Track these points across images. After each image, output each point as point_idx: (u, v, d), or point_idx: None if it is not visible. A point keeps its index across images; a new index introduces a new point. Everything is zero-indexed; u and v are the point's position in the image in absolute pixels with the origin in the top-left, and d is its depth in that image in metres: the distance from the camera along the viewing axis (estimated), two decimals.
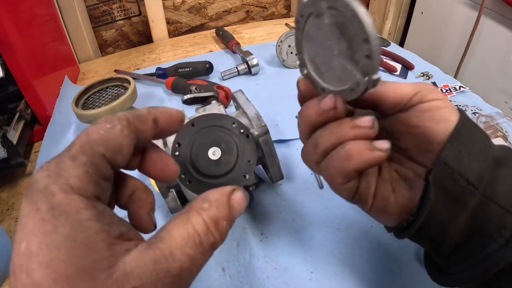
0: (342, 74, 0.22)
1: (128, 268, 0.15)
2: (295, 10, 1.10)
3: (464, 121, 0.23)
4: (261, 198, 0.45)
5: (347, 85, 0.22)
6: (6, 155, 0.46)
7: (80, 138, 0.18)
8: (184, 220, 0.18)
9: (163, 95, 0.68)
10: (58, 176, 0.16)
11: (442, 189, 0.23)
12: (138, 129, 0.20)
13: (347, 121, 0.24)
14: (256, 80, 0.72)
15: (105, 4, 0.90)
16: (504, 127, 0.56)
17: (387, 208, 0.26)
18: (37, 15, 0.62)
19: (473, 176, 0.22)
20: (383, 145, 0.23)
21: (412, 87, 0.24)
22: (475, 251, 0.23)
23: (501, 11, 0.86)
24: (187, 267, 0.16)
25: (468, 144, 0.23)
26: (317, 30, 0.22)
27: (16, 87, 0.53)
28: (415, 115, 0.24)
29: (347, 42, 0.21)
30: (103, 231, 0.16)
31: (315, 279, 0.36)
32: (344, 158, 0.23)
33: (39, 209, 0.15)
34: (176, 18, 1.00)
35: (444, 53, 1.07)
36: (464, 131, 0.23)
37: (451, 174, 0.22)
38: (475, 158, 0.23)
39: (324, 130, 0.24)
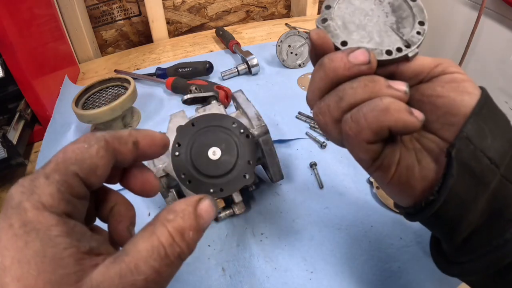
0: (379, 38, 0.24)
1: (94, 283, 0.16)
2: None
3: (486, 97, 0.22)
4: (261, 198, 0.45)
5: (383, 47, 0.23)
6: (6, 155, 0.46)
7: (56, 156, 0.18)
8: (149, 232, 0.17)
9: (163, 95, 0.69)
10: (31, 193, 0.17)
11: (464, 166, 0.21)
12: (117, 151, 0.20)
13: (381, 78, 0.22)
14: (256, 80, 0.72)
15: (105, 4, 0.90)
16: None
17: (410, 180, 0.24)
18: (37, 15, 0.62)
19: (496, 154, 0.21)
20: (419, 114, 0.21)
21: (432, 59, 0.24)
22: (492, 237, 0.22)
23: (501, 11, 0.86)
24: (153, 279, 0.16)
25: (491, 121, 0.22)
26: (365, 0, 0.25)
27: (16, 87, 0.53)
28: (439, 85, 0.23)
29: (396, 18, 0.24)
30: (72, 246, 0.16)
31: (315, 279, 0.36)
32: (382, 110, 0.21)
33: (12, 225, 0.16)
34: (176, 18, 1.00)
35: (444, 53, 1.07)
36: (486, 107, 0.22)
37: (474, 151, 0.21)
38: (499, 136, 0.22)
39: (354, 83, 0.22)
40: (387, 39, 0.24)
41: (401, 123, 0.21)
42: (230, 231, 0.41)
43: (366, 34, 0.24)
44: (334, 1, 0.25)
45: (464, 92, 0.22)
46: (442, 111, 0.23)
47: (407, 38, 0.23)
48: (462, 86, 0.23)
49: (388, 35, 0.24)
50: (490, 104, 0.22)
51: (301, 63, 0.76)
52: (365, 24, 0.24)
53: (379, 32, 0.24)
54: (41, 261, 0.15)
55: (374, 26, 0.24)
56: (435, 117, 0.23)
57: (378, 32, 0.24)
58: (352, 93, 0.22)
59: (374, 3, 0.25)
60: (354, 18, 0.25)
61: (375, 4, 0.25)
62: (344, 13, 0.25)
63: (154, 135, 0.22)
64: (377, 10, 0.25)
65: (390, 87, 0.22)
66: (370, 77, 0.22)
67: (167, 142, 0.23)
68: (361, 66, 0.22)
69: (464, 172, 0.21)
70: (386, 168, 0.24)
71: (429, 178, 0.23)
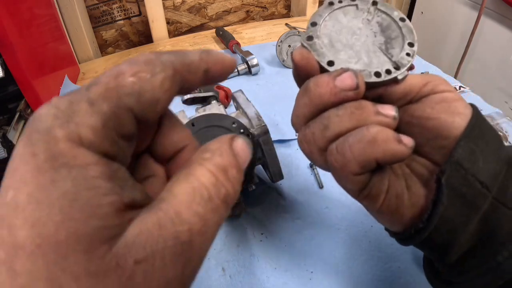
0: (367, 58, 0.23)
1: (129, 237, 0.12)
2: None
3: (477, 117, 0.22)
4: (261, 198, 0.45)
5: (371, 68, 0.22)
6: (6, 155, 0.46)
7: (106, 79, 0.14)
8: (185, 175, 0.14)
9: None
10: (68, 120, 0.13)
11: (455, 191, 0.20)
12: (184, 81, 0.16)
13: (368, 104, 0.21)
14: (256, 80, 0.72)
15: (105, 4, 0.90)
16: (504, 127, 0.56)
17: (400, 208, 0.23)
18: (37, 15, 0.62)
19: (487, 177, 0.20)
20: (408, 141, 0.20)
21: (421, 77, 0.23)
22: (485, 259, 0.21)
23: (501, 11, 0.86)
24: (198, 229, 0.13)
25: (482, 143, 0.21)
26: (352, 18, 0.24)
27: (16, 87, 0.53)
28: (429, 106, 0.22)
29: (385, 38, 0.23)
30: (114, 193, 0.12)
31: (315, 279, 0.36)
32: (368, 142, 0.20)
33: (35, 155, 0.12)
34: (176, 18, 1.00)
35: (444, 53, 1.07)
36: (477, 128, 0.21)
37: (465, 176, 0.20)
38: (490, 158, 0.21)
39: (340, 110, 0.21)
40: (376, 60, 0.23)
41: (389, 154, 0.20)
42: (230, 231, 0.41)
43: (354, 54, 0.23)
44: (321, 18, 0.24)
45: (455, 113, 0.21)
46: (432, 134, 0.22)
47: (396, 60, 0.22)
48: (453, 106, 0.22)
49: (377, 55, 0.23)
50: (482, 123, 0.22)
51: None
52: (352, 43, 0.23)
53: (368, 52, 0.23)
54: (70, 205, 0.11)
55: (362, 46, 0.23)
56: (425, 140, 0.23)
57: (367, 52, 0.23)
58: (338, 121, 0.21)
59: (362, 22, 0.24)
60: (341, 37, 0.23)
61: (363, 23, 0.24)
62: (330, 31, 0.24)
63: (224, 60, 0.18)
64: (365, 29, 0.24)
65: (378, 113, 0.21)
66: (357, 104, 0.21)
67: (235, 65, 0.19)
68: (348, 92, 0.20)
69: (455, 197, 0.20)
70: (374, 197, 0.22)
71: (419, 205, 0.23)
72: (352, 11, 0.24)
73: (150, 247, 0.12)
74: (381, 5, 0.24)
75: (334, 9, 0.24)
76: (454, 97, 0.22)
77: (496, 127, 0.56)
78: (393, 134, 0.20)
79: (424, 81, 0.23)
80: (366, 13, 0.24)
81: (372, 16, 0.24)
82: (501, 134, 0.55)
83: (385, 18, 0.24)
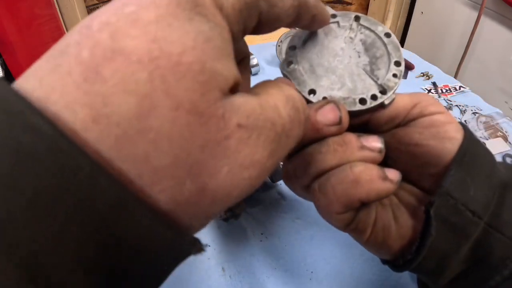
0: (351, 83, 0.21)
1: (236, 102, 0.12)
2: None
3: (468, 140, 0.20)
4: (261, 198, 0.45)
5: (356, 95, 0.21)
6: None
7: None
8: (275, 85, 0.15)
9: None
10: None
11: (444, 221, 0.20)
12: (300, 14, 0.17)
13: (352, 139, 0.20)
14: (256, 80, 0.71)
15: (105, 4, 0.90)
16: (504, 127, 0.56)
17: (387, 240, 0.22)
18: (37, 15, 0.62)
19: (479, 206, 0.19)
20: (394, 176, 0.19)
21: (409, 98, 0.21)
22: (477, 283, 0.21)
23: (501, 11, 0.86)
24: (287, 130, 0.13)
25: (474, 169, 0.20)
26: (334, 38, 0.22)
27: None
28: (417, 131, 0.21)
29: (370, 58, 0.22)
30: (234, 63, 0.13)
31: (315, 279, 0.36)
32: (351, 182, 0.19)
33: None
34: None
35: (444, 53, 1.07)
36: (469, 153, 0.20)
37: (455, 205, 0.19)
38: (481, 185, 0.20)
39: (322, 147, 0.20)
40: (361, 84, 0.21)
41: (374, 193, 0.19)
42: (230, 231, 0.41)
43: (336, 79, 0.21)
44: (300, 39, 0.22)
45: (445, 138, 0.20)
46: (420, 162, 0.21)
47: (382, 83, 0.21)
48: (442, 130, 0.20)
49: (362, 78, 0.21)
50: (474, 147, 0.20)
51: None
52: (335, 67, 0.21)
53: (351, 76, 0.21)
54: (203, 41, 0.11)
55: (345, 69, 0.21)
56: (414, 167, 0.22)
57: (350, 76, 0.21)
58: (321, 159, 0.20)
59: (345, 40, 0.22)
60: (323, 60, 0.22)
61: (345, 42, 0.22)
62: (311, 54, 0.22)
63: (327, 14, 0.19)
64: (348, 49, 0.22)
65: (363, 147, 0.20)
66: (340, 139, 0.20)
67: (328, 21, 0.20)
68: (330, 128, 0.19)
69: (444, 227, 0.20)
70: (360, 231, 0.22)
71: (407, 236, 0.22)
72: (333, 29, 0.22)
73: (252, 120, 0.12)
74: (364, 20, 0.22)
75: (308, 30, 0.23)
76: (444, 119, 0.21)
77: (496, 127, 0.56)
78: (377, 172, 0.19)
79: (413, 103, 0.21)
80: (349, 31, 0.22)
81: (355, 33, 0.22)
82: (501, 134, 0.55)
83: (369, 34, 0.22)
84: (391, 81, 0.21)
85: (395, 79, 0.21)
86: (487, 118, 0.59)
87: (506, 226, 0.20)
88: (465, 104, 0.63)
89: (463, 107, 0.62)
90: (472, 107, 0.62)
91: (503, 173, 0.21)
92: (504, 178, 0.21)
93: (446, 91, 0.67)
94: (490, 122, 0.58)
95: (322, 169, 0.20)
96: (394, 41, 0.22)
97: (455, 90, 0.68)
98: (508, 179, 0.21)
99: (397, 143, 0.21)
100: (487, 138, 0.54)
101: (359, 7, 1.25)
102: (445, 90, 0.68)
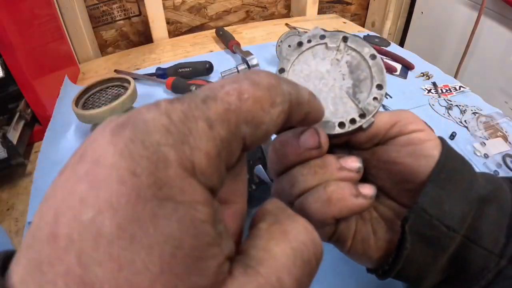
0: (333, 106, 0.22)
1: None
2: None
3: (446, 156, 0.21)
4: (261, 198, 0.45)
5: (336, 118, 0.22)
6: (6, 155, 0.46)
7: (227, 95, 0.12)
8: (281, 232, 0.13)
9: (163, 95, 0.68)
10: (183, 140, 0.10)
11: (420, 236, 0.21)
12: (290, 117, 0.14)
13: (332, 161, 0.21)
14: None
15: (105, 4, 0.90)
16: (504, 127, 0.56)
17: (367, 251, 0.23)
18: (37, 15, 0.62)
19: (454, 221, 0.20)
20: (368, 191, 0.20)
21: (389, 117, 0.22)
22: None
23: (501, 11, 0.86)
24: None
25: (450, 185, 0.20)
26: (321, 60, 0.23)
27: (16, 87, 0.53)
28: (394, 150, 0.21)
29: (353, 81, 0.22)
30: (217, 244, 0.10)
31: (315, 279, 0.36)
32: (324, 201, 0.20)
33: (136, 175, 0.09)
34: (176, 18, 1.00)
35: (444, 53, 1.07)
36: (446, 170, 0.21)
37: (430, 221, 0.20)
38: (458, 200, 0.20)
39: (304, 169, 0.21)
40: (342, 107, 0.22)
41: (346, 211, 0.20)
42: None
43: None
44: (289, 63, 0.23)
45: (421, 156, 0.21)
46: (398, 179, 0.22)
47: (362, 106, 0.22)
48: (419, 149, 0.21)
49: (344, 102, 0.22)
50: (451, 163, 0.21)
51: None
52: (320, 89, 0.22)
53: (334, 99, 0.22)
54: (172, 255, 0.09)
55: (329, 92, 0.22)
56: (392, 184, 0.23)
57: (333, 99, 0.22)
58: (302, 180, 0.21)
59: (331, 62, 0.23)
60: (309, 83, 0.23)
61: (332, 64, 0.23)
62: (299, 77, 0.23)
63: (321, 110, 0.17)
64: (334, 71, 0.23)
65: (341, 169, 0.21)
66: (321, 162, 0.21)
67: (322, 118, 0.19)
68: (311, 151, 0.20)
69: (420, 241, 0.21)
70: (341, 242, 0.23)
71: (385, 248, 0.23)
72: (321, 51, 0.23)
73: None
74: (351, 41, 0.23)
75: (302, 50, 0.23)
76: (423, 137, 0.21)
77: (496, 127, 0.56)
78: (350, 191, 0.20)
79: (392, 122, 0.22)
80: (336, 52, 0.23)
81: (342, 55, 0.23)
82: (501, 134, 0.55)
83: (355, 56, 0.23)
84: (371, 104, 0.21)
85: (375, 103, 0.21)
86: (487, 118, 0.59)
87: (484, 238, 0.20)
88: (465, 104, 0.63)
89: (463, 107, 0.62)
90: (472, 107, 0.62)
91: (483, 186, 0.21)
92: (483, 192, 0.21)
93: (446, 91, 0.67)
94: (490, 122, 0.58)
95: (303, 189, 0.21)
96: (379, 63, 0.22)
97: (455, 90, 0.68)
98: (487, 191, 0.21)
99: (376, 160, 0.22)
100: (487, 138, 0.54)
101: (359, 7, 1.25)
102: (445, 90, 0.68)
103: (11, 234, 0.42)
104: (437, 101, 0.65)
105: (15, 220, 0.44)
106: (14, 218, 0.44)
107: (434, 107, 0.63)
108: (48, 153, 0.52)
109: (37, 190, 0.46)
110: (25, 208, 0.45)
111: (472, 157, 0.52)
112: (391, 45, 0.87)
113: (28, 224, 0.42)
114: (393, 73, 0.74)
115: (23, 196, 0.48)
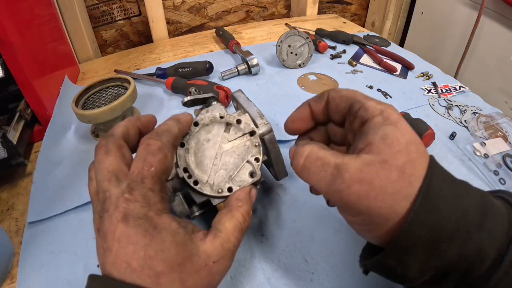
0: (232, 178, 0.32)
1: (208, 252, 0.24)
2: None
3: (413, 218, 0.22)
4: (261, 199, 0.45)
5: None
6: (6, 155, 0.46)
7: (149, 171, 0.24)
8: (230, 216, 0.27)
9: (163, 95, 0.68)
10: (149, 205, 0.23)
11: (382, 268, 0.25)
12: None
13: None
14: (256, 80, 0.72)
15: (105, 4, 0.90)
16: (504, 127, 0.56)
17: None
18: (37, 15, 0.62)
19: (415, 274, 0.23)
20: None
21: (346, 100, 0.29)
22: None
23: (501, 11, 0.86)
24: (236, 245, 0.26)
25: (409, 254, 0.23)
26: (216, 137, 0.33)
27: (16, 87, 0.53)
28: (355, 222, 0.27)
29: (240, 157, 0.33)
30: (186, 232, 0.24)
31: (316, 280, 0.36)
32: None
33: (147, 231, 0.22)
34: (176, 18, 0.99)
35: (444, 53, 1.07)
36: (408, 239, 0.22)
37: (392, 267, 0.24)
38: (417, 266, 0.23)
39: None
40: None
41: None
42: None
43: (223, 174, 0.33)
44: (191, 140, 0.33)
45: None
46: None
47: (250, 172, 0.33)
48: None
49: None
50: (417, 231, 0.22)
51: (301, 63, 0.76)
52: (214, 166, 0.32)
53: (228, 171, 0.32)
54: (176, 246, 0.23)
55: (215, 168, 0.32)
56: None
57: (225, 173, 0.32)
58: None
59: (225, 139, 0.33)
60: (206, 162, 0.32)
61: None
62: (197, 158, 0.32)
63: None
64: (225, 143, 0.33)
65: None
66: None
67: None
68: None
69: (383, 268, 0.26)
70: None
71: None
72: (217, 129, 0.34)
73: (219, 255, 0.24)
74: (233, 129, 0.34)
75: (192, 133, 0.32)
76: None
77: (496, 127, 0.56)
78: None
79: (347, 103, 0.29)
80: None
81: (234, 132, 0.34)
82: (501, 134, 0.55)
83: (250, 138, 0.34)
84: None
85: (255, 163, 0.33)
86: (487, 118, 0.59)
87: None
88: (465, 104, 0.63)
89: (463, 107, 0.62)
90: (472, 107, 0.62)
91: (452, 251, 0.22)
92: (452, 257, 0.22)
93: (446, 91, 0.67)
94: (490, 122, 0.58)
95: None
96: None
97: (455, 90, 0.68)
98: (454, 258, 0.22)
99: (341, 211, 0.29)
100: (487, 138, 0.54)
101: (359, 7, 1.25)
102: (445, 90, 0.68)
103: (11, 234, 0.42)
104: (437, 101, 0.65)
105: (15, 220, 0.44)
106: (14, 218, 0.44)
107: (434, 107, 0.63)
108: (48, 153, 0.52)
109: (37, 190, 0.46)
110: (25, 208, 0.45)
111: (472, 157, 0.52)
112: (391, 45, 0.87)
113: (28, 224, 0.42)
114: (393, 73, 0.74)
115: (23, 196, 0.48)
